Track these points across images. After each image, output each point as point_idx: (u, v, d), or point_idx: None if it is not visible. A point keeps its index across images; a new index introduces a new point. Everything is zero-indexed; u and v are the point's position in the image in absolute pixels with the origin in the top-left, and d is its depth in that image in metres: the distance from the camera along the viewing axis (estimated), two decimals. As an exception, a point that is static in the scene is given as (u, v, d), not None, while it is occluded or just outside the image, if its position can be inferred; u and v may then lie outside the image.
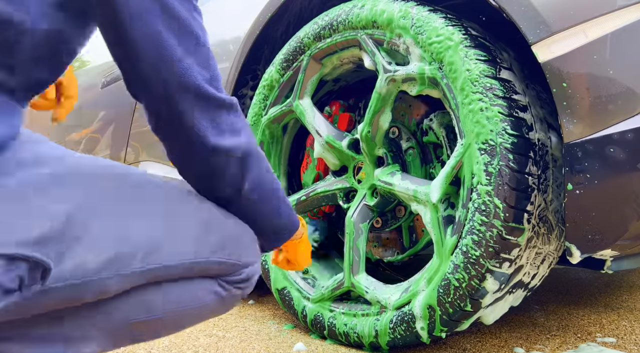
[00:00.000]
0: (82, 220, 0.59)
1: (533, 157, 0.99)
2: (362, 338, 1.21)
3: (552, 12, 0.93)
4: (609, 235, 0.92)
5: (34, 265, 0.54)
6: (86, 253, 0.58)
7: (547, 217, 1.03)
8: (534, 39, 0.94)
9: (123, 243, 0.62)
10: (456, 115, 1.05)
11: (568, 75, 0.91)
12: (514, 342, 1.26)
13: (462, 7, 1.24)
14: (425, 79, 1.11)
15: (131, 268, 0.63)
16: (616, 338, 1.28)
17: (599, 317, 1.46)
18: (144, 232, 0.65)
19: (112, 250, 0.61)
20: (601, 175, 0.89)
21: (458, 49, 1.04)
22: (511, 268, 1.02)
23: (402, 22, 1.13)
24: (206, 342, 1.29)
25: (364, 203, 1.30)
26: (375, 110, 1.22)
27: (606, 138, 0.88)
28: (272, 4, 1.44)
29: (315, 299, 1.33)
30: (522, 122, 0.99)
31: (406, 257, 1.38)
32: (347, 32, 1.26)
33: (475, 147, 1.01)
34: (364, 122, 1.25)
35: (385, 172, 1.26)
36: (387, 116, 1.24)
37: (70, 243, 0.57)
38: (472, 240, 1.01)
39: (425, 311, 1.09)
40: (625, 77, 0.87)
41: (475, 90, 1.01)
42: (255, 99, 1.50)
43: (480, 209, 1.00)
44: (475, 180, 1.01)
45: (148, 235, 0.65)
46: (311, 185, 1.45)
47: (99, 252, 0.60)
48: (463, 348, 1.22)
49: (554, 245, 1.08)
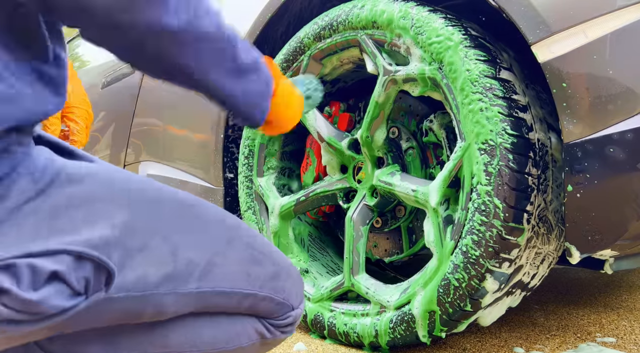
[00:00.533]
0: (143, 233, 0.60)
1: (533, 157, 0.99)
2: (362, 338, 1.21)
3: (551, 12, 0.93)
4: (608, 235, 0.92)
5: (98, 268, 0.54)
6: (147, 265, 0.59)
7: (546, 217, 1.03)
8: (533, 39, 0.94)
9: (181, 261, 0.63)
10: (456, 115, 1.05)
11: (568, 75, 0.91)
12: (514, 342, 1.26)
13: (462, 7, 1.25)
14: (427, 80, 1.11)
15: (188, 288, 0.63)
16: (616, 338, 1.28)
17: (598, 317, 1.46)
18: (201, 252, 0.65)
19: (170, 265, 0.62)
20: (601, 175, 0.89)
21: (458, 49, 1.04)
22: (511, 268, 1.02)
23: (402, 23, 1.13)
24: (206, 341, 1.29)
25: (363, 204, 1.30)
26: (373, 116, 1.23)
27: (606, 138, 0.88)
28: (272, 4, 1.44)
29: (315, 299, 1.33)
30: (521, 122, 0.99)
31: (406, 256, 1.38)
32: (347, 33, 1.26)
33: (475, 147, 1.01)
34: (362, 127, 1.25)
35: (385, 172, 1.26)
36: (382, 132, 1.26)
37: (131, 253, 0.58)
38: (472, 240, 1.01)
39: (425, 312, 1.09)
40: (625, 77, 0.87)
41: (475, 90, 1.01)
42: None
43: (480, 209, 1.00)
44: (475, 180, 1.01)
45: (204, 255, 0.65)
46: (311, 186, 1.45)
47: (159, 267, 0.61)
48: (463, 348, 1.22)
49: (554, 245, 1.08)
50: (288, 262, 0.77)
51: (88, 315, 0.56)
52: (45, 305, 0.50)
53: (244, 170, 1.56)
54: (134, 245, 0.59)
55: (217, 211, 0.72)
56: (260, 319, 0.74)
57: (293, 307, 0.76)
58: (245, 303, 0.70)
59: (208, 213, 0.70)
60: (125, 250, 0.57)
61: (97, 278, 0.55)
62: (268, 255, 0.73)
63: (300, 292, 0.78)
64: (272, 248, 0.76)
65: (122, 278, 0.57)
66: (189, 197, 0.69)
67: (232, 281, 0.68)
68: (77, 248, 0.53)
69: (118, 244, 0.57)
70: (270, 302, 0.73)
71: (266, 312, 0.74)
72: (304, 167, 1.54)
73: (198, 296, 0.65)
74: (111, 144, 2.31)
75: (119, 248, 0.57)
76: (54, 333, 0.57)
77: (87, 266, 0.54)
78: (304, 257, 1.46)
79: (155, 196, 0.65)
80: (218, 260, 0.67)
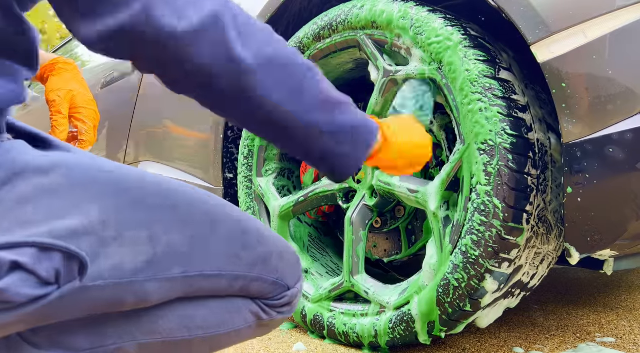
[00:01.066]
0: (118, 220, 0.59)
1: (532, 157, 0.99)
2: (362, 338, 1.21)
3: (551, 13, 0.93)
4: (608, 235, 0.92)
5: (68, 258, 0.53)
6: (124, 253, 0.58)
7: (546, 217, 1.03)
8: (533, 39, 0.94)
9: (161, 247, 0.61)
10: (455, 115, 1.05)
11: (567, 76, 0.91)
12: (513, 342, 1.26)
13: (462, 7, 1.25)
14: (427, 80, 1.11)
15: (171, 273, 0.62)
16: (615, 338, 1.28)
17: (598, 317, 1.46)
18: (184, 238, 0.64)
19: (150, 252, 0.60)
20: (600, 176, 0.89)
21: (457, 49, 1.04)
22: (510, 268, 1.02)
23: (402, 23, 1.13)
24: (206, 342, 1.29)
25: (363, 204, 1.30)
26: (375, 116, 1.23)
27: (605, 138, 0.88)
28: (272, 4, 1.44)
29: (314, 299, 1.33)
30: (521, 123, 0.99)
31: (406, 257, 1.38)
32: (346, 33, 1.26)
33: (474, 147, 1.01)
34: None
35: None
36: None
37: (105, 241, 0.57)
38: (472, 240, 1.01)
39: (424, 312, 1.09)
40: (624, 77, 0.87)
41: (475, 90, 1.01)
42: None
43: (479, 209, 1.00)
44: (475, 180, 1.01)
45: (188, 242, 0.64)
46: (310, 186, 1.45)
47: (137, 254, 0.59)
48: (462, 348, 1.22)
49: (553, 245, 1.08)
50: (281, 243, 0.75)
51: (66, 304, 0.55)
52: (9, 293, 0.50)
53: (243, 171, 1.56)
54: (109, 233, 0.57)
55: (201, 196, 0.70)
56: (255, 300, 0.73)
57: (289, 287, 0.75)
58: (236, 285, 0.69)
59: (191, 198, 0.68)
60: (98, 238, 0.57)
61: (69, 268, 0.54)
62: (258, 237, 0.72)
63: (297, 272, 0.77)
64: (264, 230, 0.74)
65: (98, 267, 0.56)
66: (172, 183, 0.68)
67: (220, 264, 0.67)
68: (40, 239, 0.52)
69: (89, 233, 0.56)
70: (263, 282, 0.71)
71: (260, 293, 0.72)
72: (303, 167, 1.54)
73: (184, 281, 0.63)
74: (111, 144, 2.31)
75: (91, 236, 0.56)
76: (35, 325, 0.57)
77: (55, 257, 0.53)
78: (303, 257, 1.46)
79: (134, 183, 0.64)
80: (203, 244, 0.65)
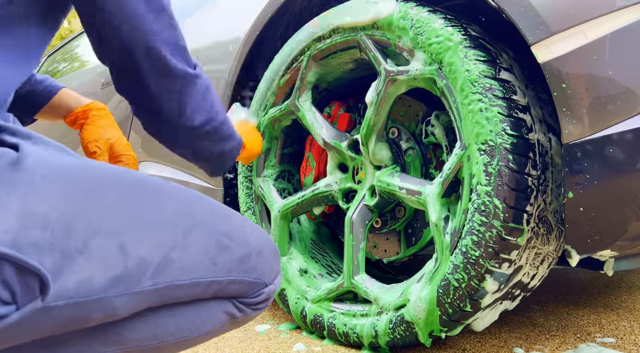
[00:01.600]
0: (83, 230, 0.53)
1: (532, 158, 0.99)
2: (362, 339, 1.21)
3: (551, 13, 0.93)
4: (608, 236, 0.92)
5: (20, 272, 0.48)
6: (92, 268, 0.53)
7: (546, 218, 1.03)
8: (533, 39, 0.94)
9: (132, 260, 0.56)
10: (455, 116, 1.05)
11: (567, 76, 0.91)
12: (514, 342, 1.26)
13: (462, 7, 1.25)
14: (427, 81, 1.11)
15: (141, 286, 0.57)
16: (615, 339, 1.28)
17: (598, 317, 1.46)
18: (155, 247, 0.59)
19: (120, 265, 0.55)
20: (601, 176, 0.89)
21: (457, 49, 1.04)
22: (510, 268, 1.02)
23: (402, 23, 1.13)
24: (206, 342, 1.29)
25: (363, 204, 1.30)
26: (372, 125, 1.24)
27: (606, 138, 0.88)
28: (272, 4, 1.44)
29: (315, 299, 1.33)
30: (521, 123, 0.99)
31: (406, 257, 1.38)
32: (346, 33, 1.26)
33: (474, 148, 1.01)
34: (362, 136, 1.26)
35: (385, 172, 1.26)
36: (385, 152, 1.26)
37: (69, 256, 0.51)
38: (472, 241, 1.01)
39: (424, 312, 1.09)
40: (624, 78, 0.87)
41: (475, 90, 1.01)
42: (255, 100, 1.51)
43: (479, 210, 1.00)
44: (475, 180, 1.01)
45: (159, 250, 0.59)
46: (310, 186, 1.45)
47: (107, 268, 0.54)
48: (462, 349, 1.22)
49: (554, 245, 1.08)
50: (260, 238, 0.73)
51: (25, 327, 0.50)
52: None
53: (243, 171, 1.56)
54: (74, 244, 0.51)
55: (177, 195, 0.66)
56: (231, 299, 0.70)
57: (266, 284, 0.73)
58: (210, 289, 0.66)
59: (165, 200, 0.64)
60: (61, 252, 0.50)
61: (26, 286, 0.48)
62: (236, 237, 0.68)
63: (276, 268, 0.75)
64: (241, 227, 0.71)
65: (61, 285, 0.50)
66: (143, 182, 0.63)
67: (194, 272, 0.63)
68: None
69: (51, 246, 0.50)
70: (240, 284, 0.69)
71: (237, 293, 0.70)
72: (303, 167, 1.54)
73: (154, 292, 0.59)
74: (111, 144, 2.31)
75: (52, 250, 0.50)
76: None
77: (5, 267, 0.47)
78: (304, 258, 1.46)
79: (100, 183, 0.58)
80: (176, 253, 0.61)
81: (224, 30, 1.70)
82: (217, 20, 1.82)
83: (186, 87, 0.84)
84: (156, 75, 0.79)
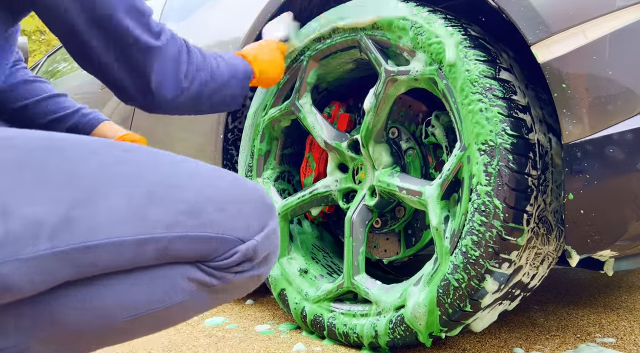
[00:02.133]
0: None
1: (532, 158, 0.99)
2: (362, 339, 1.21)
3: (551, 13, 0.93)
4: (608, 236, 0.92)
5: None
6: None
7: (546, 218, 1.03)
8: (533, 39, 0.94)
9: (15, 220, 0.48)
10: (455, 116, 1.05)
11: (567, 76, 0.91)
12: (514, 342, 1.26)
13: (462, 7, 1.25)
14: (427, 81, 1.11)
15: (35, 250, 0.48)
16: (615, 339, 1.28)
17: (598, 318, 1.46)
18: (52, 205, 0.51)
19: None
20: (601, 176, 0.89)
21: (458, 49, 1.04)
22: (510, 268, 1.02)
23: (402, 23, 1.13)
24: (206, 342, 1.29)
25: (363, 204, 1.30)
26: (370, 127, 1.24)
27: (606, 138, 0.88)
28: (272, 4, 1.44)
29: (314, 299, 1.33)
30: (521, 123, 0.99)
31: (406, 257, 1.38)
32: (347, 33, 1.26)
33: (474, 148, 1.01)
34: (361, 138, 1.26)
35: (386, 173, 1.26)
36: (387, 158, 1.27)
37: None
38: (472, 241, 1.01)
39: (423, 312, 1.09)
40: (624, 78, 0.87)
41: (475, 90, 1.01)
42: (255, 100, 1.51)
43: (479, 210, 1.00)
44: (475, 180, 1.01)
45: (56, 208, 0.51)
46: (310, 186, 1.45)
47: None
48: (462, 349, 1.22)
49: (554, 245, 1.08)
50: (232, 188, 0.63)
51: None
52: None
53: (244, 171, 1.56)
54: None
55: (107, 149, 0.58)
56: (195, 264, 0.60)
57: (242, 240, 0.61)
58: (148, 251, 0.55)
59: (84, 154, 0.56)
60: None
61: None
62: (180, 187, 0.59)
63: (257, 221, 0.62)
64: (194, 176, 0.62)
65: None
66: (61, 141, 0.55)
67: (109, 230, 0.53)
68: None
69: None
70: (193, 242, 0.57)
71: (196, 255, 0.59)
72: (303, 168, 1.54)
73: (57, 258, 0.50)
74: (111, 145, 2.31)
75: None
76: None
77: None
78: (304, 258, 1.46)
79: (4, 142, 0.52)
80: (81, 210, 0.52)
81: (224, 30, 1.70)
82: (217, 20, 1.82)
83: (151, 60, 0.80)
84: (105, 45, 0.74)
